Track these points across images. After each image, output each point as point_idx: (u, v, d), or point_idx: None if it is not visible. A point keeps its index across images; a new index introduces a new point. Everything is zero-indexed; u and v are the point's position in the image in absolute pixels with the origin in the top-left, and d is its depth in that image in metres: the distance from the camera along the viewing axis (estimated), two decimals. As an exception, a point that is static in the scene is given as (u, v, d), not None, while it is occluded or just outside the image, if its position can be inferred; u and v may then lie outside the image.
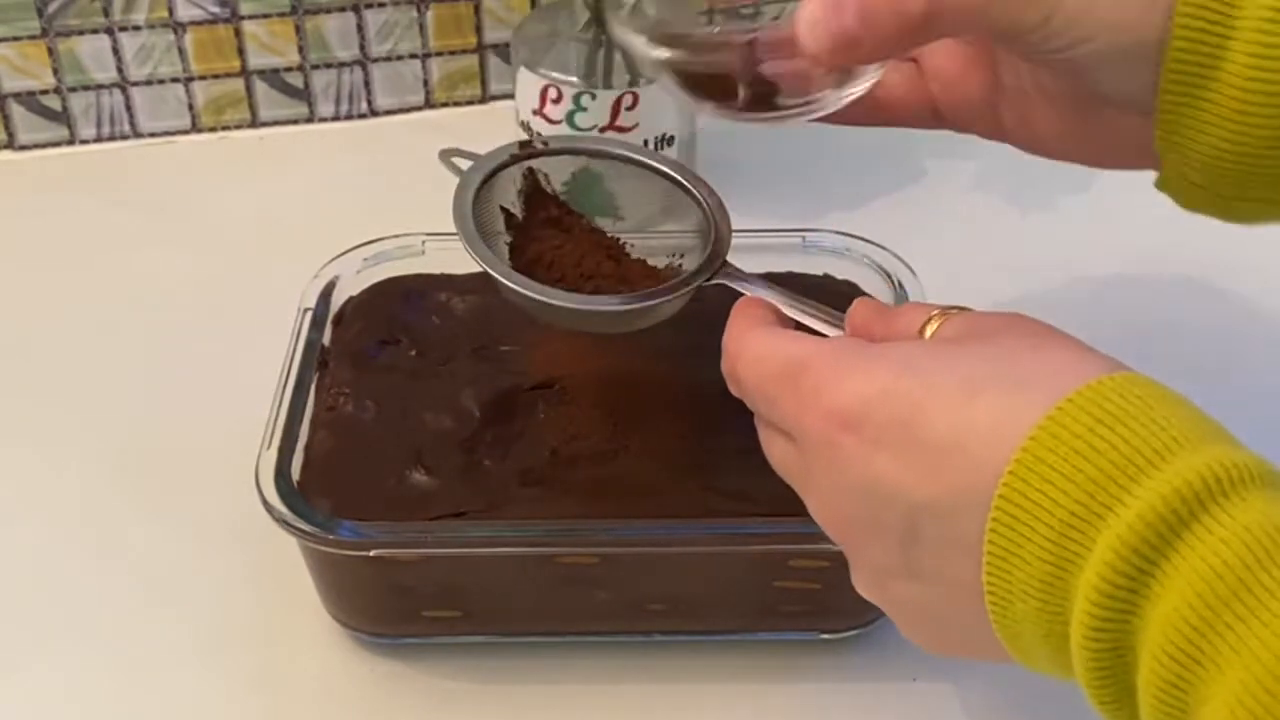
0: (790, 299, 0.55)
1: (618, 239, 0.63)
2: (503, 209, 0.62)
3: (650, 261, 0.62)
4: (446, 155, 0.62)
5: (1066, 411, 0.41)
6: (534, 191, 0.63)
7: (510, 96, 0.86)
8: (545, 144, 0.63)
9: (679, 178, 0.63)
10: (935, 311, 0.50)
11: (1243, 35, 0.45)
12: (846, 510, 0.47)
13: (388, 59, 0.93)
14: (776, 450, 0.51)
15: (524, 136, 0.81)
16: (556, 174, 0.64)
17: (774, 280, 0.69)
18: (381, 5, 0.91)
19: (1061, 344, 0.45)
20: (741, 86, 0.53)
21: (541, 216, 0.63)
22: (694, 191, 0.62)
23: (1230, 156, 0.47)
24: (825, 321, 0.55)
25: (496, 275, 0.58)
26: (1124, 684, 0.39)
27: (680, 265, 0.61)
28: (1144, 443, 0.39)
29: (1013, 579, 0.41)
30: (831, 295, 0.68)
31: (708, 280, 0.58)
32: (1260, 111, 0.46)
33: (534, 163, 0.63)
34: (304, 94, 0.94)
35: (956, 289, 0.59)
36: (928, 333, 0.49)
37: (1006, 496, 0.41)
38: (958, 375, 0.44)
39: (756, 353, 0.50)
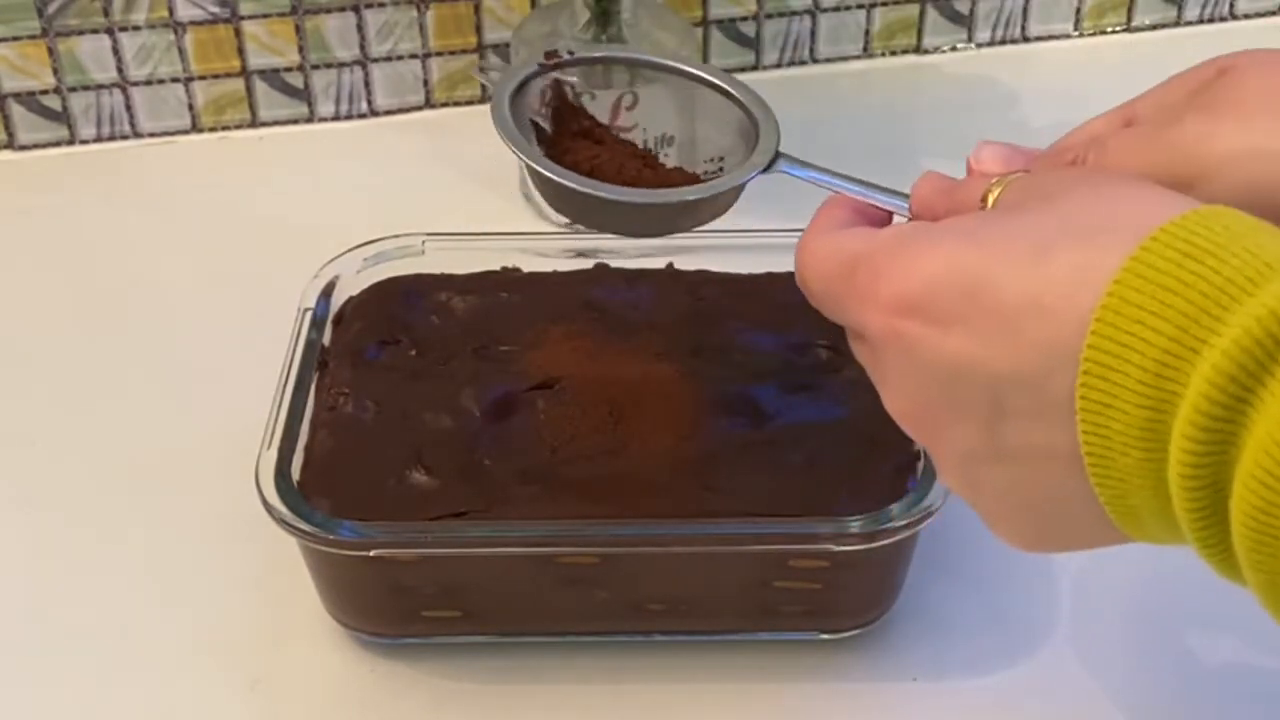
0: (854, 182, 0.54)
1: (648, 149, 0.61)
2: (533, 122, 0.60)
3: (687, 168, 0.60)
4: (481, 70, 0.61)
5: (1151, 250, 0.38)
6: (562, 104, 0.61)
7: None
8: (571, 54, 0.61)
9: (714, 80, 0.60)
10: (995, 179, 0.47)
11: None
12: (923, 399, 0.44)
13: (388, 59, 0.93)
14: (857, 351, 0.49)
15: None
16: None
17: (774, 280, 0.69)
18: (381, 5, 0.91)
19: (1134, 187, 0.43)
20: None
21: (573, 129, 0.61)
22: (732, 92, 0.60)
23: None
24: (893, 199, 0.53)
25: (560, 178, 0.56)
26: (1228, 524, 0.37)
27: (722, 170, 0.59)
28: (1236, 271, 0.37)
29: (1110, 433, 0.38)
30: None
31: (766, 170, 0.56)
32: None
33: (561, 75, 0.61)
34: (304, 94, 0.94)
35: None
36: (989, 201, 0.47)
37: (1095, 345, 0.38)
38: (1025, 237, 0.42)
39: (817, 256, 0.49)
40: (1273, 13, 1.04)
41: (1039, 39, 1.02)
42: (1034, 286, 0.40)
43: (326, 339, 0.67)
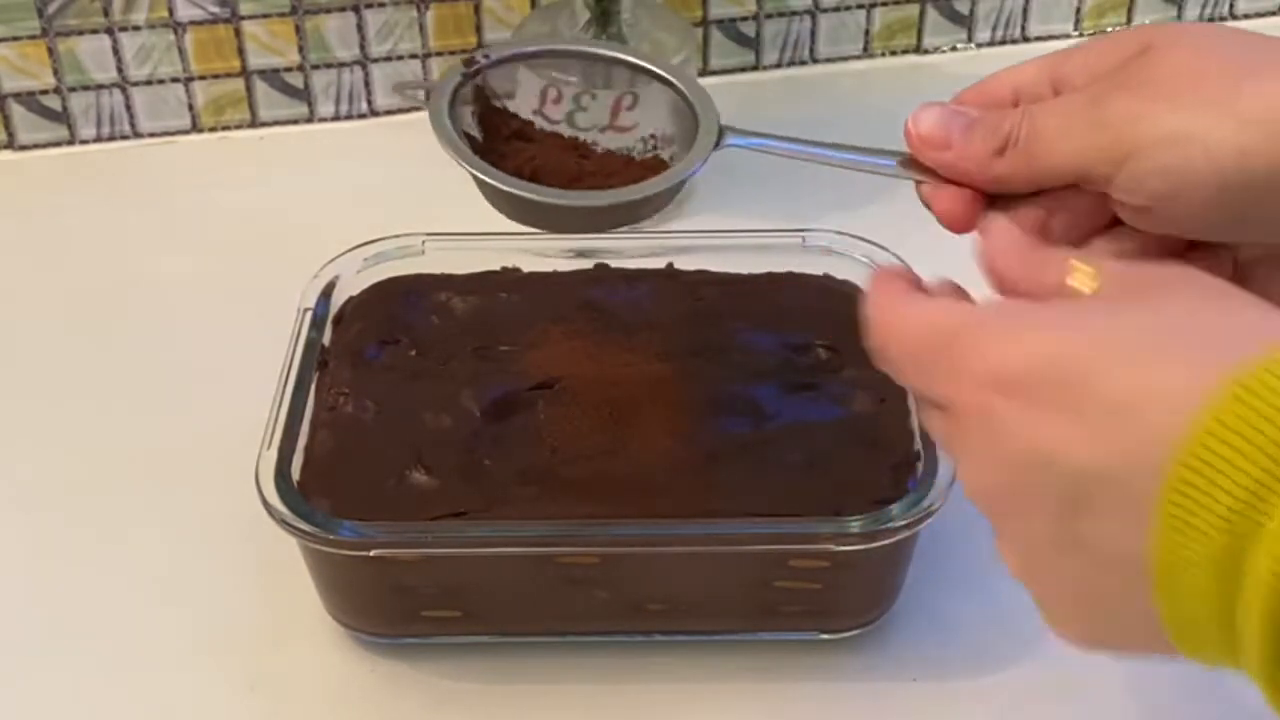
0: (805, 144, 0.53)
1: (578, 137, 0.61)
2: (465, 134, 0.58)
3: (618, 151, 0.60)
4: (400, 87, 0.60)
5: (1256, 375, 0.37)
6: (487, 109, 0.60)
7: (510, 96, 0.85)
8: (487, 57, 0.60)
9: (639, 62, 0.60)
10: (1073, 261, 0.46)
11: None
12: (1000, 479, 0.44)
13: (388, 59, 0.93)
14: (934, 422, 0.48)
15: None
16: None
17: (774, 280, 0.69)
18: (381, 5, 0.91)
19: (1246, 302, 0.42)
20: None
21: (504, 133, 0.60)
22: (658, 72, 0.59)
23: None
24: (878, 158, 0.53)
25: (513, 189, 0.55)
26: None
27: (655, 148, 0.59)
28: None
29: (1187, 552, 0.38)
30: (832, 295, 0.68)
31: (716, 148, 0.56)
32: None
33: (482, 80, 0.60)
34: (304, 94, 0.94)
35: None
36: (1075, 286, 0.46)
37: (1186, 463, 0.38)
38: (1131, 337, 0.41)
39: (903, 324, 0.48)
40: (1273, 13, 1.04)
41: (1039, 39, 1.02)
42: (1136, 388, 0.40)
43: (326, 339, 0.67)
